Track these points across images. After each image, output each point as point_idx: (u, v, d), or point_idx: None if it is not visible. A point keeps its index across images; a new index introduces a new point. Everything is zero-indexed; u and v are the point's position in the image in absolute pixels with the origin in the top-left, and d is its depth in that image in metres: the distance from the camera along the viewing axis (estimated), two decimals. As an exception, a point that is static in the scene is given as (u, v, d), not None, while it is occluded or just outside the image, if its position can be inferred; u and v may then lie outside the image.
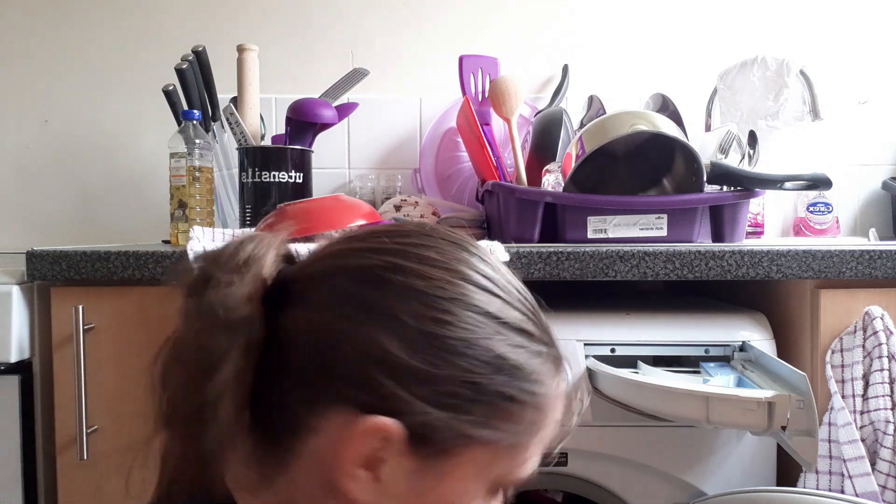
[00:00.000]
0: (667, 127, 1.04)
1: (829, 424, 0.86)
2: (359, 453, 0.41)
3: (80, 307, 0.89)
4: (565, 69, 1.52)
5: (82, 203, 1.55)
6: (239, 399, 0.40)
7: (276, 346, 0.42)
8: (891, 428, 0.83)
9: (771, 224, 1.44)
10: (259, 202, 1.19)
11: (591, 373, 0.89)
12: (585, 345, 0.91)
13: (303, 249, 0.49)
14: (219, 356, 0.39)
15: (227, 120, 1.24)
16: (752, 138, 1.21)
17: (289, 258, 0.47)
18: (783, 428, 0.72)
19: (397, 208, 1.27)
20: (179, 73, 1.25)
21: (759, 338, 0.92)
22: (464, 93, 1.32)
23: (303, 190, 1.21)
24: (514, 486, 0.46)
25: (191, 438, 0.40)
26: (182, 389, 0.40)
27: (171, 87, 1.28)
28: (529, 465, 0.46)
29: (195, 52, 1.29)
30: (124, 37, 1.54)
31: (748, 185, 1.05)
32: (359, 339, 0.41)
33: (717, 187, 1.09)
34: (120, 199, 1.55)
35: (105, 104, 1.55)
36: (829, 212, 1.44)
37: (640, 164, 1.13)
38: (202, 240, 1.00)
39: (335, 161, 1.54)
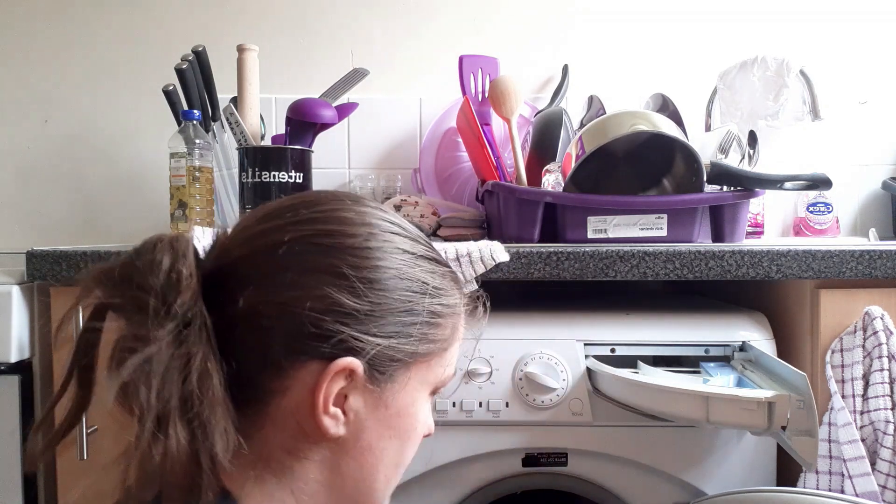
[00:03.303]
0: (667, 127, 1.04)
1: (829, 424, 0.86)
2: (330, 394, 0.47)
3: (81, 307, 0.89)
4: (565, 69, 1.52)
5: (82, 203, 1.55)
6: (221, 381, 0.44)
7: (228, 330, 0.46)
8: (891, 428, 0.83)
9: (771, 224, 1.44)
10: (259, 202, 1.18)
11: (591, 373, 0.89)
12: (585, 345, 0.91)
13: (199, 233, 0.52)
14: (189, 355, 0.43)
15: (227, 120, 1.24)
16: (752, 138, 1.21)
17: (196, 252, 0.49)
18: (783, 428, 0.72)
19: (397, 208, 1.27)
20: (179, 73, 1.25)
21: (759, 338, 0.92)
22: (464, 93, 1.32)
23: (303, 190, 1.21)
24: (445, 384, 0.56)
25: (193, 431, 0.43)
26: (163, 394, 0.42)
27: (171, 87, 1.28)
28: (453, 365, 0.56)
29: (195, 52, 1.29)
30: (124, 37, 1.54)
31: (748, 185, 1.05)
32: (314, 300, 0.46)
33: (717, 187, 1.09)
34: (120, 199, 1.55)
35: (105, 104, 1.55)
36: (829, 212, 1.44)
37: (640, 164, 1.13)
38: (202, 240, 1.00)
39: (335, 161, 1.54)
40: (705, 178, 1.05)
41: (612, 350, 0.92)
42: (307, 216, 0.50)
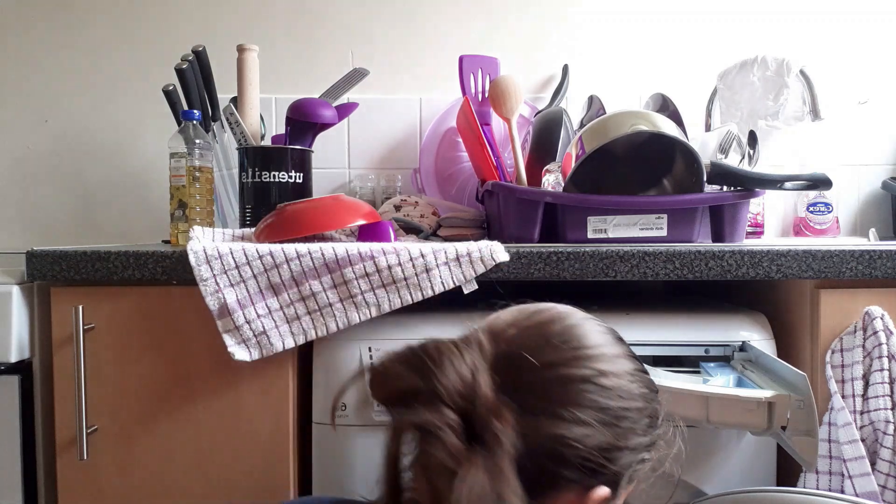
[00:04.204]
0: (667, 127, 1.04)
1: (829, 424, 0.86)
2: None
3: (80, 307, 0.89)
4: (565, 69, 1.52)
5: (82, 203, 1.55)
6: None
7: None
8: (891, 428, 0.83)
9: (771, 224, 1.44)
10: (259, 202, 1.19)
11: (591, 373, 0.89)
12: (585, 345, 0.91)
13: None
14: (502, 475, 0.49)
15: (227, 120, 1.24)
16: (752, 138, 1.21)
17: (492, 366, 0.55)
18: (783, 428, 0.72)
19: (397, 208, 1.27)
20: (179, 73, 1.25)
21: (759, 338, 0.92)
22: (464, 93, 1.32)
23: (303, 190, 1.21)
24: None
25: None
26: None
27: (171, 87, 1.28)
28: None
29: (195, 52, 1.29)
30: (124, 37, 1.55)
31: (748, 185, 1.05)
32: (591, 437, 0.54)
33: (717, 187, 1.09)
34: (120, 199, 1.55)
35: (105, 104, 1.55)
36: (829, 212, 1.44)
37: (640, 164, 1.13)
38: (202, 240, 1.00)
39: (335, 161, 1.54)
40: (705, 178, 1.05)
41: (612, 350, 0.91)
42: (585, 354, 0.56)
